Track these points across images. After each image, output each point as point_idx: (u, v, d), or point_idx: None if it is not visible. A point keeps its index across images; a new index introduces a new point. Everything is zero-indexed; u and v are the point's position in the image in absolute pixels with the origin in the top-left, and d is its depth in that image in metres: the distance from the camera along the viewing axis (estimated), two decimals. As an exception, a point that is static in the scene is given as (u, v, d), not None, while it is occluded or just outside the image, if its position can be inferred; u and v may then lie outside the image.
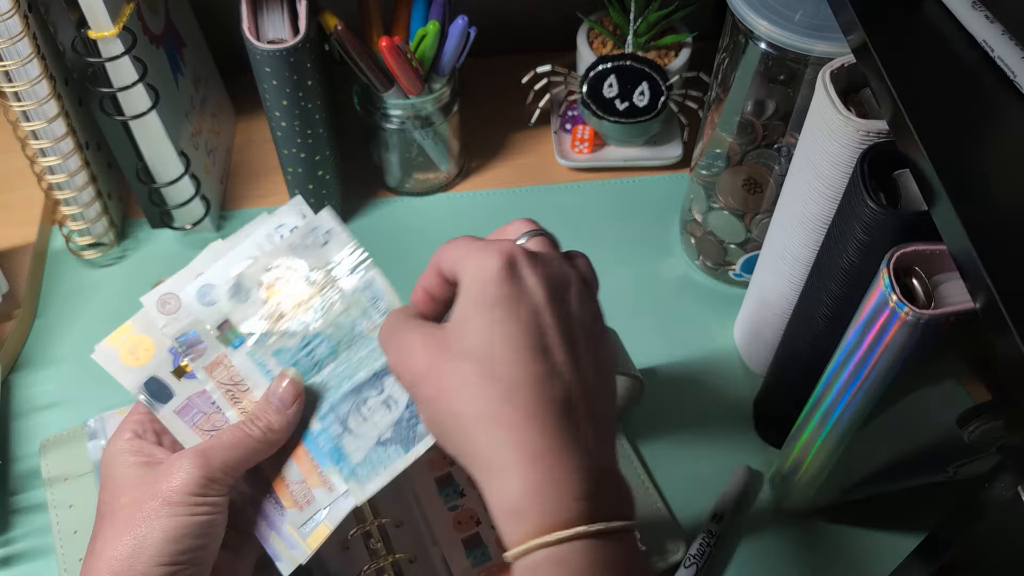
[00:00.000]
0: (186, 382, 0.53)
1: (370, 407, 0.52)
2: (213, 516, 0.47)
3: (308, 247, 0.54)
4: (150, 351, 0.53)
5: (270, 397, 0.51)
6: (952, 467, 0.58)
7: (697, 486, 0.65)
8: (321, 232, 0.55)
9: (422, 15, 0.73)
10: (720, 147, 0.70)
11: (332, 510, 0.51)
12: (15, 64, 0.63)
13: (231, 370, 0.53)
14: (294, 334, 0.53)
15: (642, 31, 0.78)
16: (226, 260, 0.54)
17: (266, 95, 0.68)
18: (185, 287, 0.54)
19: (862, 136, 0.49)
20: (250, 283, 0.54)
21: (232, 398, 0.53)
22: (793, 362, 0.60)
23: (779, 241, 0.61)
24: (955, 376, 0.48)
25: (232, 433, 0.49)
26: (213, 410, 0.53)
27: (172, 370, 0.53)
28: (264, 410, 0.50)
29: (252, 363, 0.53)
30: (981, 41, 0.44)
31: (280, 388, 0.51)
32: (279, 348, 0.53)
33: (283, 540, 0.51)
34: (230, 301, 0.53)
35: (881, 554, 0.62)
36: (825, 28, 0.57)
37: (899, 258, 0.45)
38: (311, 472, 0.51)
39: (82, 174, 0.71)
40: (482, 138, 0.85)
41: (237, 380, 0.53)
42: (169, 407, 0.52)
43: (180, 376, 0.53)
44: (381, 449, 0.51)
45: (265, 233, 0.55)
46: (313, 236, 0.55)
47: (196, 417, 0.52)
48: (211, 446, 0.49)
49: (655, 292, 0.75)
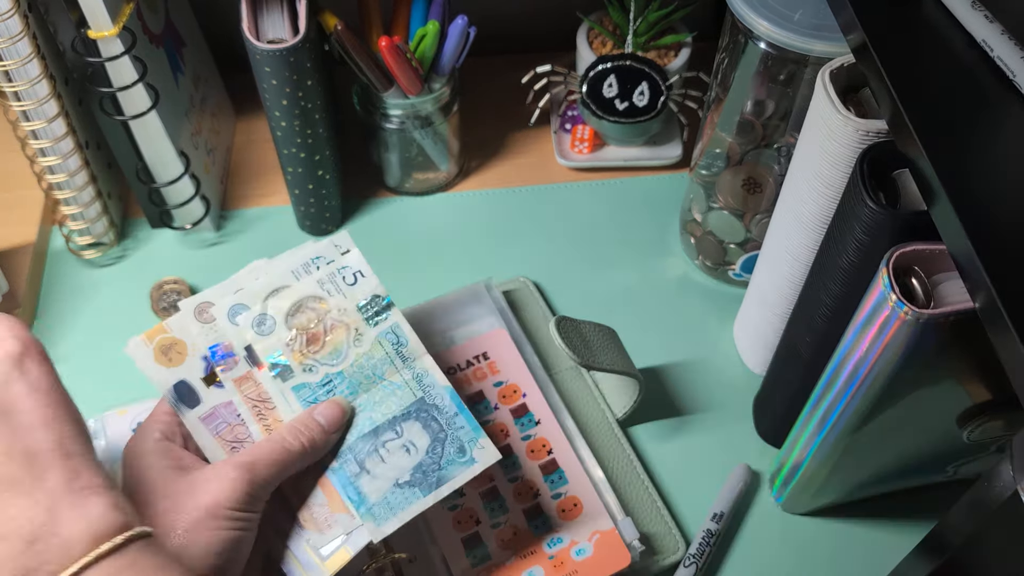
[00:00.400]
0: (214, 391, 0.53)
1: (388, 449, 0.53)
2: (250, 532, 0.47)
3: (337, 285, 0.56)
4: (183, 354, 0.53)
5: (317, 415, 0.51)
6: (952, 467, 0.58)
7: (697, 486, 0.65)
8: (351, 272, 0.56)
9: (422, 15, 0.73)
10: (720, 147, 0.70)
11: (354, 536, 0.51)
12: (15, 64, 0.63)
13: (259, 387, 0.53)
14: (316, 371, 0.54)
15: (642, 31, 0.78)
16: (260, 283, 0.55)
17: (266, 95, 0.68)
18: (221, 300, 0.55)
19: (861, 136, 0.49)
20: (277, 315, 0.54)
21: (258, 414, 0.53)
22: (793, 362, 0.60)
23: (779, 241, 0.61)
24: (954, 376, 0.48)
25: (272, 447, 0.49)
26: (237, 422, 0.53)
27: (203, 377, 0.53)
28: (308, 426, 0.50)
29: (275, 390, 0.53)
30: (980, 41, 0.44)
31: (329, 410, 0.51)
32: (300, 384, 0.53)
33: (302, 562, 0.51)
34: (255, 330, 0.54)
35: (881, 554, 0.62)
36: (825, 28, 0.57)
37: (898, 258, 0.45)
38: (333, 496, 0.52)
39: (82, 174, 0.71)
40: (482, 138, 0.85)
41: (265, 398, 0.53)
42: (195, 412, 0.52)
43: (209, 384, 0.53)
44: (399, 491, 0.52)
45: (302, 263, 0.56)
46: (343, 274, 0.56)
47: (220, 427, 0.53)
48: (256, 459, 0.48)
49: (655, 292, 0.75)
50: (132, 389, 0.68)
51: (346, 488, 0.52)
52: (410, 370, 0.55)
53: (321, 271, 0.56)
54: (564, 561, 0.58)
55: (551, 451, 0.63)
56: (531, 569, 0.58)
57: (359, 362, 0.54)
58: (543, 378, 0.67)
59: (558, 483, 0.62)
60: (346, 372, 0.54)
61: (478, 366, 0.67)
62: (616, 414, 0.67)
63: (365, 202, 0.81)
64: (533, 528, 0.60)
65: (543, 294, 0.74)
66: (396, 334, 0.55)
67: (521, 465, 0.62)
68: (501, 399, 0.65)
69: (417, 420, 0.53)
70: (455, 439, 0.53)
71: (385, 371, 0.54)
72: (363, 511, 0.51)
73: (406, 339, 0.55)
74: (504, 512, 0.60)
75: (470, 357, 0.67)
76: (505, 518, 0.60)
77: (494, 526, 0.60)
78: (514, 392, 0.65)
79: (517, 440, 0.63)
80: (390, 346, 0.55)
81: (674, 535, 0.62)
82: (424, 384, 0.55)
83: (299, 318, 0.55)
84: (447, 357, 0.66)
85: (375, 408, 0.54)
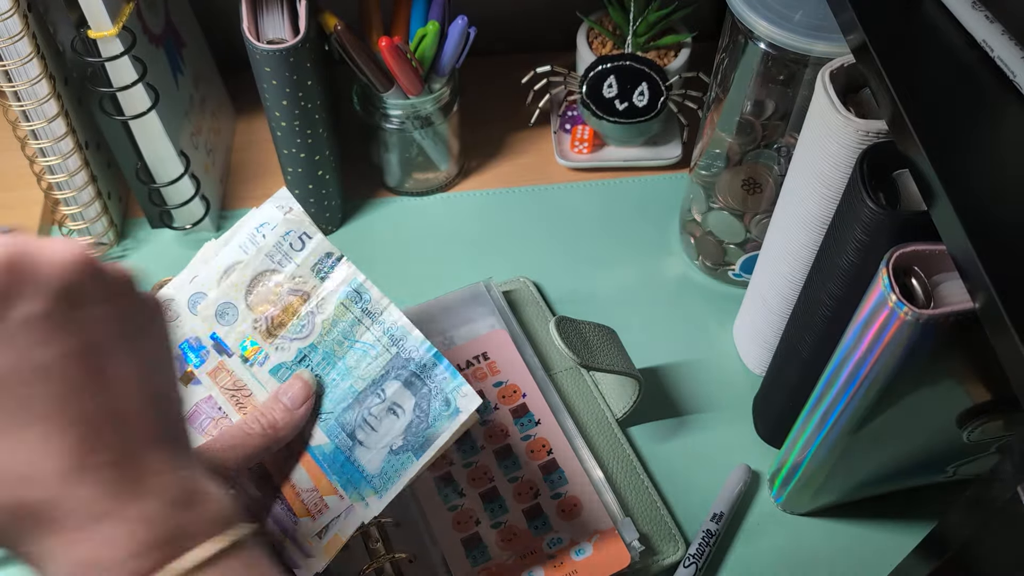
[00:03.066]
0: (193, 388, 0.52)
1: (375, 415, 0.51)
2: None
3: (285, 253, 0.53)
4: None
5: (280, 395, 0.51)
6: (952, 467, 0.58)
7: (696, 486, 0.65)
8: (296, 236, 0.53)
9: (422, 15, 0.73)
10: (719, 147, 0.70)
11: (345, 519, 0.50)
12: (15, 64, 0.63)
13: (233, 376, 0.53)
14: (288, 349, 0.53)
15: (642, 31, 0.78)
16: (212, 266, 0.54)
17: (266, 95, 0.68)
18: (179, 293, 0.54)
19: (861, 136, 0.49)
20: (236, 300, 0.53)
21: (237, 403, 0.52)
22: (792, 362, 0.60)
23: (778, 241, 0.61)
24: (954, 376, 0.48)
25: (231, 432, 0.49)
26: (220, 415, 0.52)
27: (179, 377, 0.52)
28: (271, 408, 0.50)
29: (249, 375, 0.53)
30: (981, 41, 0.44)
31: (292, 388, 0.51)
32: (276, 364, 0.53)
33: (300, 548, 0.50)
34: (218, 321, 0.53)
35: (881, 554, 0.62)
36: (824, 28, 0.57)
37: (898, 258, 0.45)
38: (320, 480, 0.51)
39: (82, 174, 0.71)
40: (482, 138, 0.85)
41: (240, 385, 0.53)
42: None
43: (187, 383, 0.52)
44: (394, 458, 0.51)
45: (248, 234, 0.54)
46: (289, 240, 0.53)
47: (205, 423, 0.52)
48: (206, 447, 0.48)
49: (655, 292, 0.75)
50: (132, 389, 0.68)
51: (342, 466, 0.51)
52: (379, 326, 0.52)
53: (268, 239, 0.53)
54: (564, 561, 0.58)
55: (551, 451, 0.63)
56: (531, 569, 0.58)
57: (326, 328, 0.52)
58: (543, 378, 0.67)
59: (558, 483, 0.62)
60: (316, 343, 0.52)
61: (478, 366, 0.67)
62: (616, 414, 0.67)
63: (365, 202, 0.81)
64: (533, 528, 0.60)
65: (543, 294, 0.74)
66: (358, 292, 0.53)
67: (521, 465, 0.62)
68: (501, 399, 0.65)
69: (396, 379, 0.52)
70: (439, 392, 0.51)
71: (355, 332, 0.52)
72: (365, 487, 0.50)
73: (367, 293, 0.53)
74: (504, 512, 0.60)
75: (470, 357, 0.67)
76: (505, 518, 0.60)
77: (494, 526, 0.60)
78: (514, 392, 0.65)
79: (517, 440, 0.63)
80: (354, 305, 0.52)
81: (674, 535, 0.62)
82: (396, 338, 0.52)
83: (257, 295, 0.52)
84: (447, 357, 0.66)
85: (352, 373, 0.52)
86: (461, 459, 0.62)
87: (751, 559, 0.62)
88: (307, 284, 0.53)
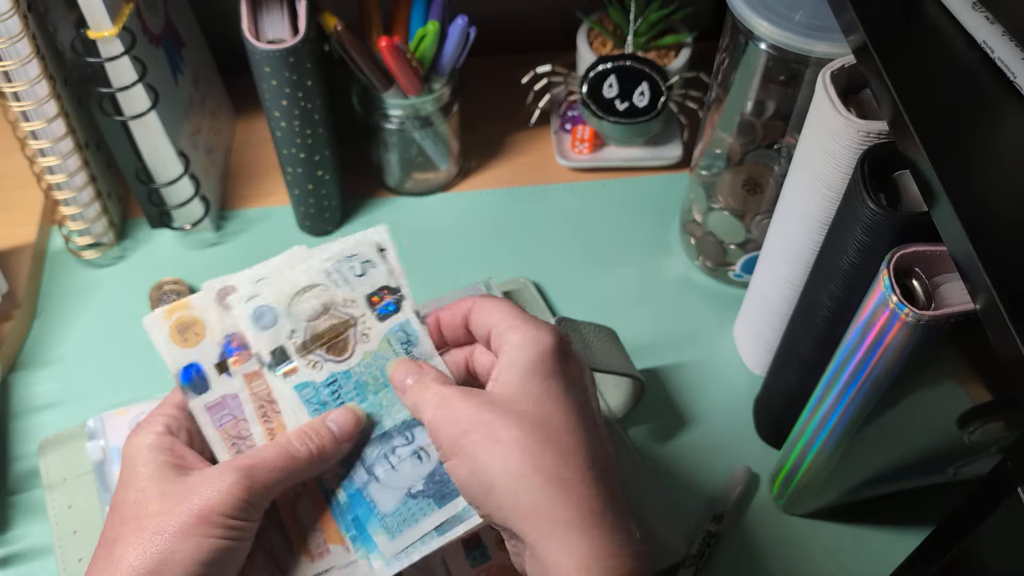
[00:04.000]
0: (225, 379, 0.49)
1: (399, 456, 0.49)
2: (244, 543, 0.44)
3: (344, 274, 0.51)
4: (200, 336, 0.50)
5: (329, 421, 0.48)
6: (952, 468, 0.58)
7: (697, 486, 0.65)
8: (359, 261, 0.51)
9: (422, 15, 0.73)
10: (720, 147, 0.70)
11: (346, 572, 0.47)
12: (14, 64, 0.63)
13: (268, 387, 0.50)
14: (321, 368, 0.50)
15: (642, 31, 0.78)
16: (287, 279, 0.51)
17: (265, 95, 0.68)
18: (243, 287, 0.50)
19: (862, 137, 0.49)
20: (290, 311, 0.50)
21: (263, 415, 0.49)
22: (793, 363, 0.60)
23: (779, 242, 0.61)
24: (955, 377, 0.48)
25: (276, 452, 0.46)
26: (241, 417, 0.49)
27: (216, 363, 0.49)
28: (319, 432, 0.47)
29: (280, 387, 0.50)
30: (981, 42, 0.44)
31: (342, 417, 0.48)
32: (303, 382, 0.49)
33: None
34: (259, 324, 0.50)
35: (881, 554, 0.62)
36: (825, 28, 0.57)
37: (899, 259, 0.45)
38: (329, 524, 0.48)
39: (81, 174, 0.71)
40: (482, 138, 0.85)
41: (272, 399, 0.50)
42: (202, 400, 0.49)
43: (221, 372, 0.49)
44: (412, 501, 0.48)
45: (335, 262, 0.51)
46: (350, 263, 0.51)
47: (225, 419, 0.49)
48: (256, 463, 0.45)
49: (655, 292, 0.75)
50: (132, 389, 0.68)
51: (354, 500, 0.48)
52: None
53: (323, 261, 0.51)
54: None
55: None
56: None
57: (366, 360, 0.50)
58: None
59: None
60: (352, 370, 0.50)
61: None
62: (616, 414, 0.67)
63: (365, 202, 0.81)
64: None
65: (543, 294, 0.74)
66: (406, 331, 0.51)
67: None
68: None
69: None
70: None
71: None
72: (375, 523, 0.48)
73: (416, 337, 0.51)
74: None
75: None
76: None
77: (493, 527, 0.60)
78: None
79: None
80: (399, 345, 0.50)
81: (674, 536, 0.62)
82: None
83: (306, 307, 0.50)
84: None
85: (385, 412, 0.50)
86: None
87: (752, 560, 0.62)
88: (357, 309, 0.51)
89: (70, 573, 0.59)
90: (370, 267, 0.51)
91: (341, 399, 0.49)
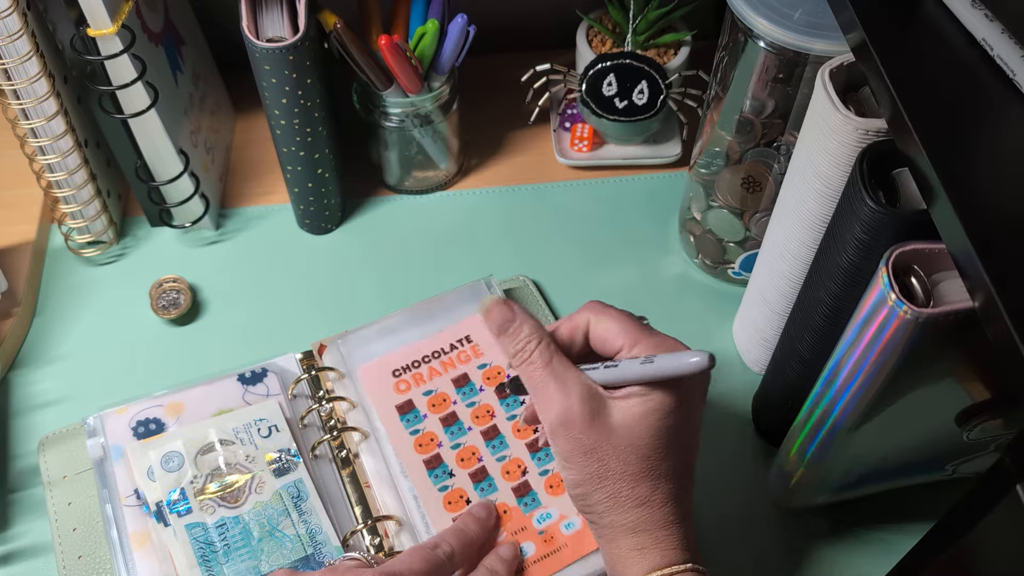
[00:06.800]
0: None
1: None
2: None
3: (250, 435, 0.60)
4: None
5: (475, 511, 0.59)
6: (951, 465, 0.58)
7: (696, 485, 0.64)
8: (266, 425, 0.61)
9: (421, 13, 0.72)
10: (719, 145, 0.70)
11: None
12: (14, 62, 0.63)
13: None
14: (214, 512, 0.57)
15: (641, 29, 0.78)
16: (199, 429, 0.61)
17: (265, 93, 0.68)
18: (166, 444, 0.60)
19: (861, 135, 0.49)
20: (187, 455, 0.59)
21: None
22: (792, 360, 0.61)
23: (778, 240, 0.61)
24: (954, 375, 0.48)
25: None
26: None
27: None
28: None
29: (176, 527, 0.57)
30: (981, 40, 0.44)
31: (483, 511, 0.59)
32: (193, 522, 0.57)
33: None
34: (163, 467, 0.59)
35: (880, 552, 0.62)
36: (824, 27, 0.57)
37: (898, 257, 0.45)
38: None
39: (81, 172, 0.71)
40: (481, 136, 0.85)
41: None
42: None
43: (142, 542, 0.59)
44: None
45: (244, 424, 0.61)
46: (258, 426, 0.61)
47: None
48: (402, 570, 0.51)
49: (654, 290, 0.75)
50: (131, 388, 0.68)
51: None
52: (305, 525, 0.58)
53: (233, 424, 0.61)
54: (554, 536, 0.59)
55: (537, 429, 0.63)
56: (522, 545, 0.58)
57: (256, 509, 0.58)
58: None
59: (545, 460, 0.62)
60: (241, 517, 0.57)
61: (461, 349, 0.66)
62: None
63: (365, 201, 0.81)
64: (523, 505, 0.60)
65: (543, 293, 0.75)
66: (299, 488, 0.59)
67: (508, 444, 0.62)
68: (486, 381, 0.65)
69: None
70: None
71: (280, 522, 0.57)
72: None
73: (307, 494, 0.59)
74: (494, 491, 0.61)
75: (453, 341, 0.67)
76: (495, 497, 0.60)
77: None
78: (498, 374, 0.65)
79: (503, 420, 0.63)
80: (290, 499, 0.58)
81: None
82: (316, 541, 0.58)
83: (208, 457, 0.59)
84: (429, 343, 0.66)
85: (262, 558, 0.56)
86: (449, 440, 0.62)
87: (750, 558, 0.62)
88: (257, 466, 0.59)
89: (70, 570, 0.59)
90: (275, 431, 0.61)
91: (227, 541, 0.57)
